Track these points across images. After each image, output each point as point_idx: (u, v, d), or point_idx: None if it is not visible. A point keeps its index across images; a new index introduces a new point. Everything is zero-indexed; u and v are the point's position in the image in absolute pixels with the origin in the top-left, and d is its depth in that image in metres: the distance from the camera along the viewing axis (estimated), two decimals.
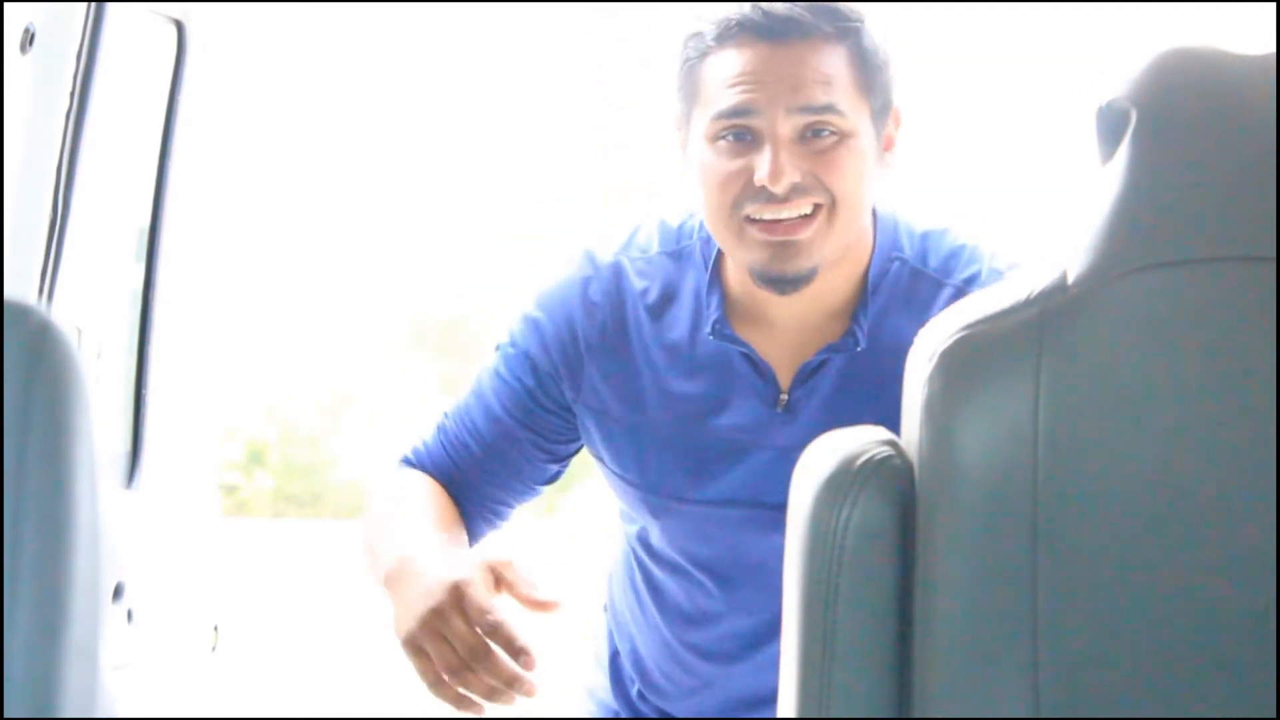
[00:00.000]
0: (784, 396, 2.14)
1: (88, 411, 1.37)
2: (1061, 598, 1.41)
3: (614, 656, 2.39)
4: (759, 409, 2.14)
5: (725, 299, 2.15)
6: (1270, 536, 1.40)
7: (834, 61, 2.03)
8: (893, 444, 1.49)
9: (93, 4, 2.57)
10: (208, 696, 3.02)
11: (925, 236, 2.16)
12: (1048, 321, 1.43)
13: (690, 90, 2.09)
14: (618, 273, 2.19)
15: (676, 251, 2.19)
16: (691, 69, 2.08)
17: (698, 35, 2.08)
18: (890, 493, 1.46)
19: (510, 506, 2.30)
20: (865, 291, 2.12)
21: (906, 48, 2.15)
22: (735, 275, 2.15)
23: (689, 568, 2.23)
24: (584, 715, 2.42)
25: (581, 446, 2.27)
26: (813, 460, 1.51)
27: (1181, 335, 1.42)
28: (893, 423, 2.05)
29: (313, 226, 11.53)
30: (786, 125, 2.02)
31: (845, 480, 1.47)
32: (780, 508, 2.12)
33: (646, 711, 2.34)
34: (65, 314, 2.59)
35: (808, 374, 2.13)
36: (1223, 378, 1.41)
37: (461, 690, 1.96)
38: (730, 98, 2.03)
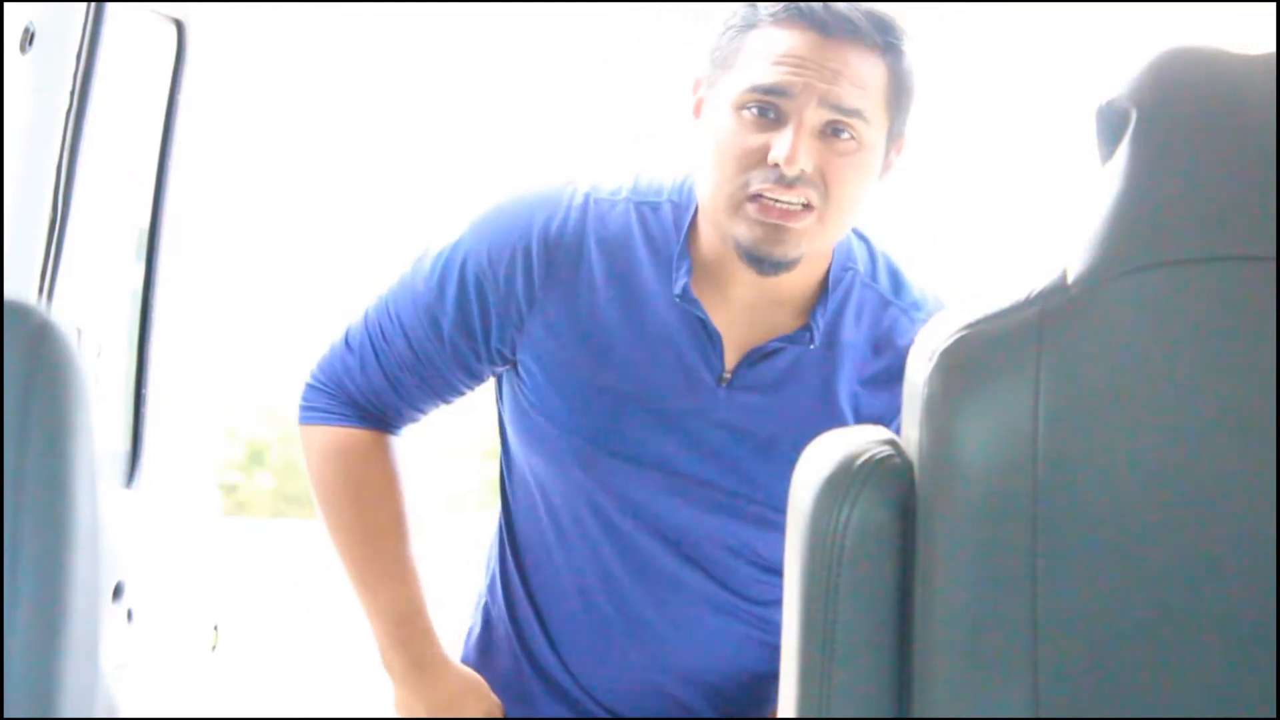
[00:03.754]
0: (727, 374, 2.17)
1: (87, 411, 1.37)
2: (1061, 598, 1.41)
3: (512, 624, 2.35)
4: (702, 379, 2.17)
5: (693, 266, 2.18)
6: (1270, 536, 1.40)
7: (873, 71, 2.09)
8: (893, 444, 1.49)
9: (93, 4, 2.57)
10: (208, 696, 3.02)
11: (873, 255, 2.24)
12: (1048, 321, 1.43)
13: (727, 56, 2.12)
14: (584, 212, 2.20)
15: (655, 204, 2.21)
16: (734, 36, 2.12)
17: (752, 8, 2.12)
18: (890, 493, 1.46)
19: (425, 415, 2.34)
20: (825, 292, 2.18)
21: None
22: (709, 244, 2.17)
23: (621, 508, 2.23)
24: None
25: (498, 372, 2.27)
26: (813, 460, 1.51)
27: (1181, 335, 1.42)
28: (830, 421, 2.10)
29: (312, 226, 11.53)
30: (815, 115, 2.07)
31: (845, 480, 1.47)
32: (704, 485, 2.17)
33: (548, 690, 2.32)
34: (65, 314, 2.59)
35: (758, 357, 2.17)
36: (1223, 378, 1.41)
37: None
38: (772, 74, 2.07)
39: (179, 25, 2.84)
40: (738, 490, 2.17)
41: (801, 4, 2.09)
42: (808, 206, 2.07)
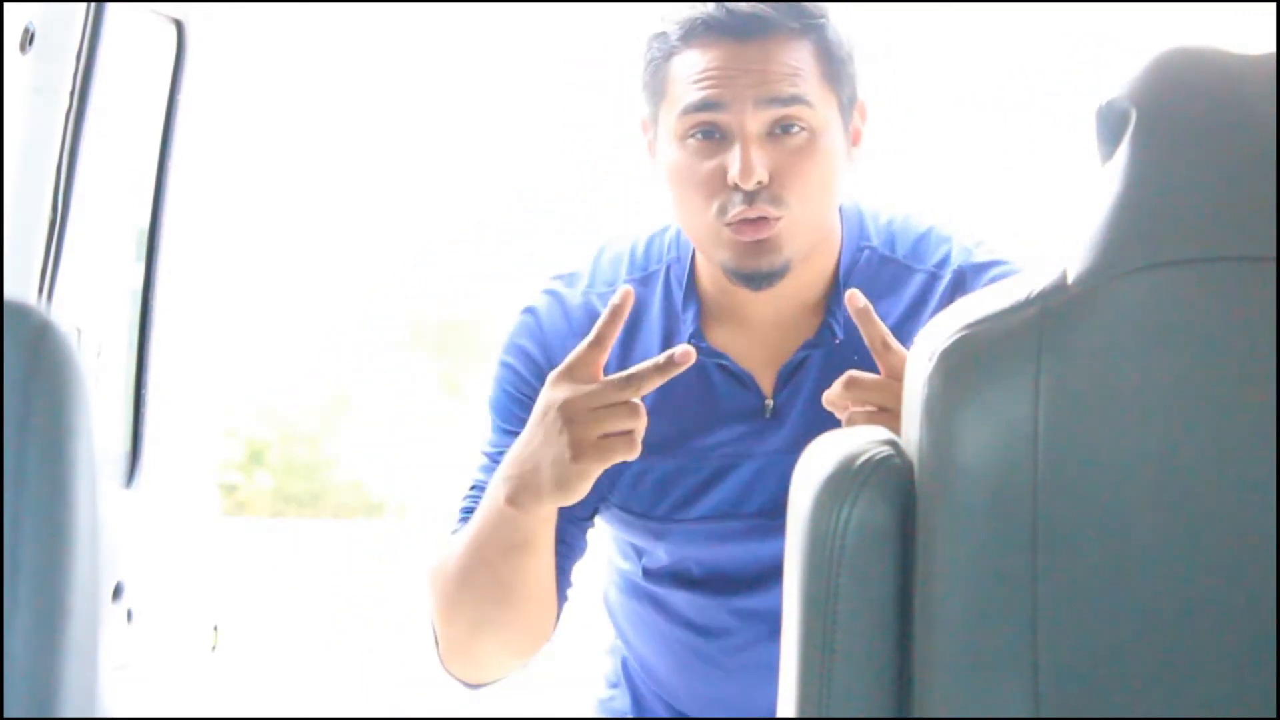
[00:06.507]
0: (769, 402, 2.15)
1: (87, 411, 1.37)
2: (1061, 598, 1.41)
3: (624, 664, 2.36)
4: (746, 420, 2.15)
5: (701, 309, 2.16)
6: (1271, 536, 1.40)
7: (800, 55, 2.05)
8: (893, 444, 1.49)
9: (93, 4, 2.57)
10: (208, 696, 3.02)
11: (890, 224, 2.19)
12: (1048, 321, 1.43)
13: (656, 90, 2.10)
14: (589, 313, 2.16)
15: (645, 277, 2.19)
16: (657, 69, 2.10)
17: (662, 35, 2.10)
18: (890, 493, 1.46)
19: (570, 569, 2.21)
20: (837, 283, 2.14)
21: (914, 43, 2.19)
22: (711, 278, 2.16)
23: (695, 580, 2.22)
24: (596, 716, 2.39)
25: None
26: (813, 460, 1.51)
27: (1181, 335, 1.42)
28: None
29: (312, 226, 11.53)
30: (755, 120, 2.04)
31: (845, 480, 1.47)
32: (773, 513, 2.12)
33: (661, 711, 2.31)
34: (65, 314, 2.59)
35: (789, 374, 2.14)
36: (1223, 378, 1.41)
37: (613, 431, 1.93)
38: (696, 93, 2.05)
39: (179, 25, 2.84)
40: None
41: (706, 15, 2.06)
42: (776, 214, 2.04)
